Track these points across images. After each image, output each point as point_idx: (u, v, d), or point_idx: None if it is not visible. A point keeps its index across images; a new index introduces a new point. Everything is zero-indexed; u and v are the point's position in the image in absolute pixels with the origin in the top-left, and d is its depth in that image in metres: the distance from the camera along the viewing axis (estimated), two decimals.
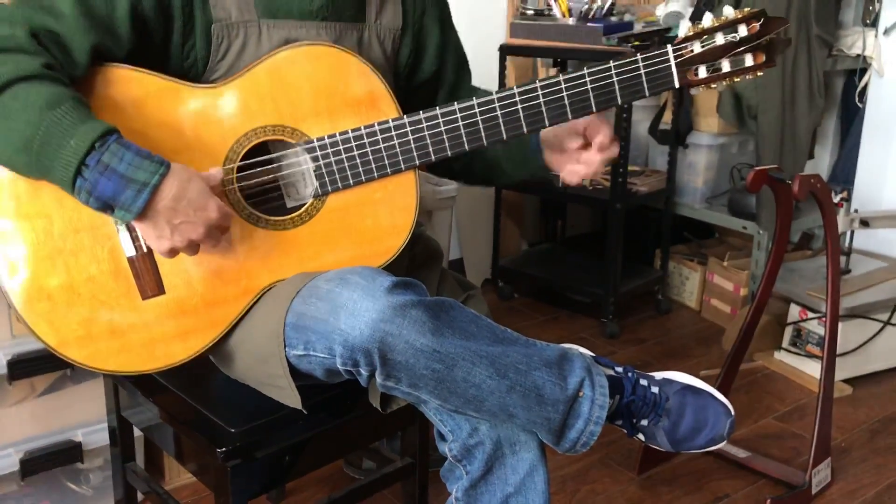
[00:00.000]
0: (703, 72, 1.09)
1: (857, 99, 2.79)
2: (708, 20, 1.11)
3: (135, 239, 1.10)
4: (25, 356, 1.53)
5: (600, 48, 2.50)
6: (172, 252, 1.06)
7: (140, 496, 1.55)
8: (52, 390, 1.63)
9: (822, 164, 3.12)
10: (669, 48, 1.11)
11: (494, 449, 1.13)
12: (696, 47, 1.08)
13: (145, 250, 1.10)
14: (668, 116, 2.74)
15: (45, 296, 1.09)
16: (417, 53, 1.32)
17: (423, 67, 1.33)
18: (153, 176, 1.00)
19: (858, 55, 2.68)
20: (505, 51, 2.71)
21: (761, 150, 2.56)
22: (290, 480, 1.32)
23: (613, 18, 2.62)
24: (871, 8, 2.65)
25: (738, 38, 1.06)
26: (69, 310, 1.10)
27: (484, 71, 2.87)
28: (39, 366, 1.54)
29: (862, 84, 2.74)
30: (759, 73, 1.10)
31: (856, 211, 2.35)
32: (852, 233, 2.38)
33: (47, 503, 1.65)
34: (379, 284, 1.04)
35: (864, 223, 2.28)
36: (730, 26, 1.08)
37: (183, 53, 1.14)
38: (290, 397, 1.13)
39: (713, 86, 1.12)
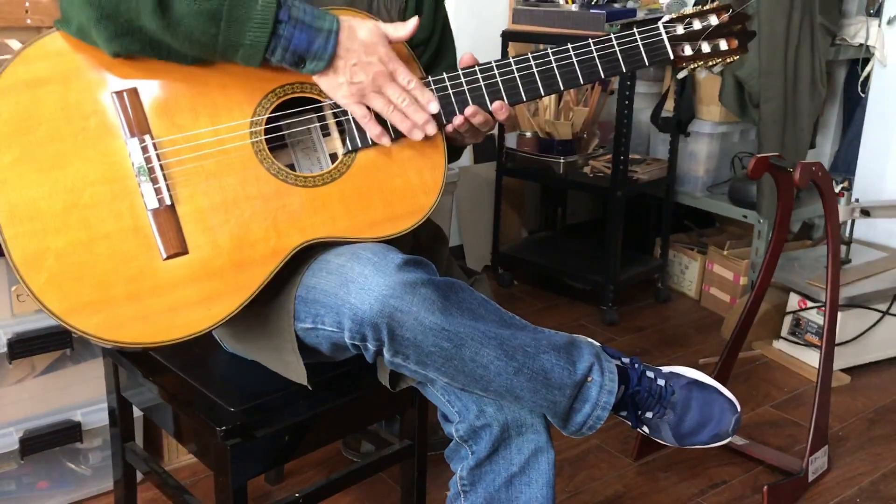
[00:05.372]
0: (688, 49, 1.26)
1: (859, 89, 2.78)
2: (689, 8, 1.34)
3: (158, 191, 1.06)
4: (26, 335, 1.53)
5: (603, 35, 2.49)
6: (359, 98, 1.10)
7: (139, 476, 1.55)
8: (52, 370, 1.63)
9: (823, 153, 3.12)
10: (660, 24, 1.25)
11: (501, 431, 1.13)
12: (680, 29, 1.25)
13: (169, 203, 1.07)
14: (669, 104, 2.73)
15: (53, 254, 1.02)
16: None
17: (416, 35, 1.34)
18: (333, 23, 1.07)
19: (861, 45, 2.68)
20: (507, 36, 2.70)
21: (763, 138, 2.56)
22: (290, 461, 1.32)
23: (617, 5, 2.61)
24: None
25: (710, 26, 1.24)
26: (82, 270, 1.03)
27: (485, 56, 2.86)
28: (40, 345, 1.55)
29: (865, 74, 2.74)
30: (736, 58, 1.29)
31: (856, 200, 2.35)
32: (853, 222, 2.37)
33: (46, 483, 1.66)
34: (390, 261, 1.05)
35: (865, 213, 2.28)
36: (703, 15, 1.27)
37: None
38: (297, 372, 1.13)
39: (699, 63, 1.28)
